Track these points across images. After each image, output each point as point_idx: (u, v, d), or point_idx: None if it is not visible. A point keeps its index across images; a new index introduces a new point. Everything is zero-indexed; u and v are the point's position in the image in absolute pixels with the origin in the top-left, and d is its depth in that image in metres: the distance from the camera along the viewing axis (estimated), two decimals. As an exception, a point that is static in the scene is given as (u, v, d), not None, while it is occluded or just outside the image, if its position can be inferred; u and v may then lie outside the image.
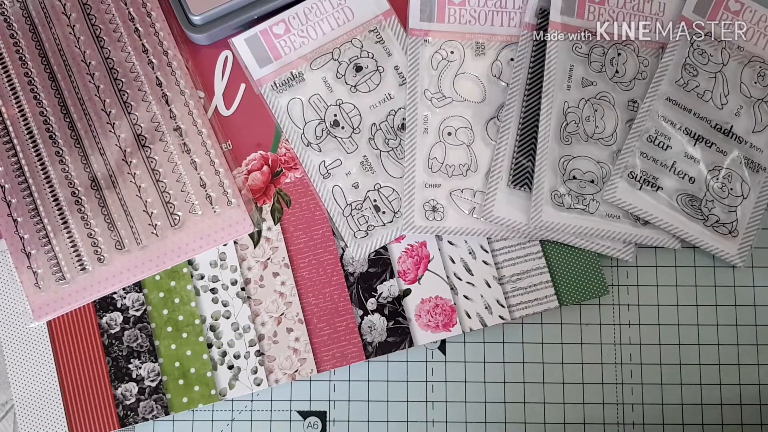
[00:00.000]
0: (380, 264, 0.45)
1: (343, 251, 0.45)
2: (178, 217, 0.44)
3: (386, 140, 0.45)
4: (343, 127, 0.45)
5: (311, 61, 0.46)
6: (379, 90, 0.46)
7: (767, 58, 0.45)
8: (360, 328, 0.44)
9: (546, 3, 0.45)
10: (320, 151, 0.45)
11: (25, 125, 0.45)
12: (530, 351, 0.45)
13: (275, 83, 0.46)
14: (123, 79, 0.45)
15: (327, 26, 0.46)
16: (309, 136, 0.45)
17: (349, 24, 0.46)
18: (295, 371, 0.44)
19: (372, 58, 0.46)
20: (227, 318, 0.44)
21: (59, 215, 0.44)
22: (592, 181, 0.44)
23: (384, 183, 0.45)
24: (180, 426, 0.44)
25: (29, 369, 0.44)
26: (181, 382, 0.44)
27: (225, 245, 0.45)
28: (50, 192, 0.44)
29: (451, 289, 0.44)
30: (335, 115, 0.45)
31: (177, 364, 0.44)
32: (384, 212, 0.45)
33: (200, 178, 0.45)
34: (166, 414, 0.43)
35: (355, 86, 0.46)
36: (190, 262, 0.45)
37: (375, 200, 0.45)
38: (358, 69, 0.46)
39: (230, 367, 0.44)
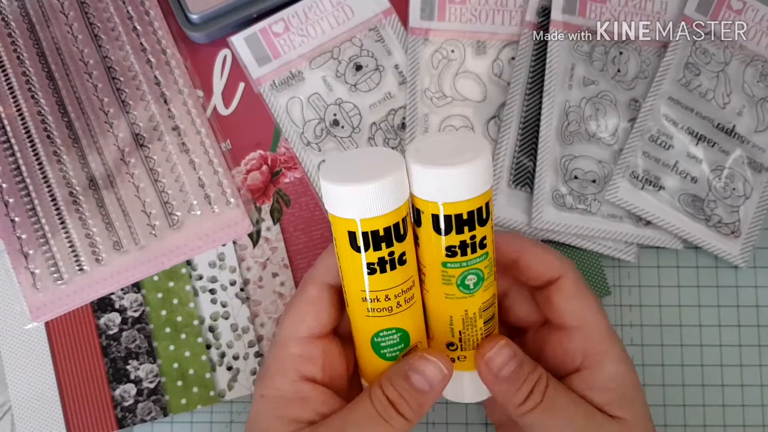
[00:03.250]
0: (380, 264, 0.44)
1: (343, 251, 0.45)
2: (176, 218, 0.44)
3: (386, 140, 0.45)
4: (342, 127, 0.45)
5: (311, 60, 0.45)
6: (379, 89, 0.45)
7: (770, 57, 0.45)
8: (360, 328, 0.44)
9: (547, 1, 0.45)
10: (320, 150, 0.45)
11: (22, 124, 0.44)
12: (531, 352, 0.44)
13: (274, 82, 0.45)
14: (121, 78, 0.45)
15: (327, 25, 0.46)
16: (308, 135, 0.45)
17: (348, 23, 0.46)
18: (295, 372, 0.43)
19: (372, 56, 0.45)
20: (226, 319, 0.44)
21: (57, 215, 0.44)
22: (594, 181, 0.44)
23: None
24: (179, 427, 0.44)
25: (27, 370, 0.44)
26: (179, 383, 0.43)
27: (224, 245, 0.44)
28: (48, 192, 0.44)
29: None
30: (335, 115, 0.45)
31: (176, 365, 0.43)
32: (384, 212, 0.44)
33: (199, 177, 0.44)
34: (165, 415, 0.43)
35: (354, 85, 0.45)
36: (188, 263, 0.44)
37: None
38: (358, 68, 0.45)
39: (229, 368, 0.44)
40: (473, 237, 0.30)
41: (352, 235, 0.30)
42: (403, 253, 0.30)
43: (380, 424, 0.30)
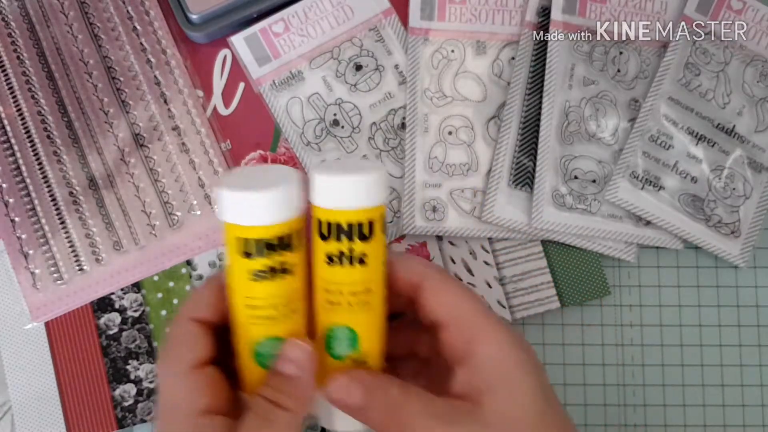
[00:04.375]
0: (380, 264, 0.44)
1: (343, 251, 0.44)
2: (176, 218, 0.44)
3: (386, 140, 0.45)
4: (342, 127, 0.45)
5: (311, 60, 0.45)
6: (379, 89, 0.45)
7: (770, 57, 0.45)
8: (360, 328, 0.44)
9: (547, 1, 0.45)
10: (320, 150, 0.45)
11: (22, 125, 0.44)
12: (531, 352, 0.44)
13: (274, 82, 0.45)
14: (121, 78, 0.45)
15: (327, 25, 0.46)
16: (308, 135, 0.45)
17: (348, 23, 0.46)
18: (295, 372, 0.43)
19: (372, 56, 0.45)
20: (226, 319, 0.44)
21: (57, 215, 0.44)
22: (594, 181, 0.44)
23: (384, 183, 0.45)
24: (178, 427, 0.44)
25: (27, 370, 0.44)
26: (179, 383, 0.43)
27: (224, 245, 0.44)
28: (48, 192, 0.44)
29: (452, 289, 0.44)
30: (335, 115, 0.45)
31: (175, 365, 0.43)
32: (384, 212, 0.44)
33: (199, 177, 0.44)
34: (165, 415, 0.43)
35: (354, 85, 0.45)
36: (188, 263, 0.44)
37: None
38: (358, 68, 0.45)
39: (229, 369, 0.44)
40: (351, 250, 0.32)
41: (239, 241, 0.31)
42: (287, 263, 0.31)
43: (267, 427, 0.30)
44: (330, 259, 0.32)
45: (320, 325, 0.33)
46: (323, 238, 0.32)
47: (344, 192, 0.32)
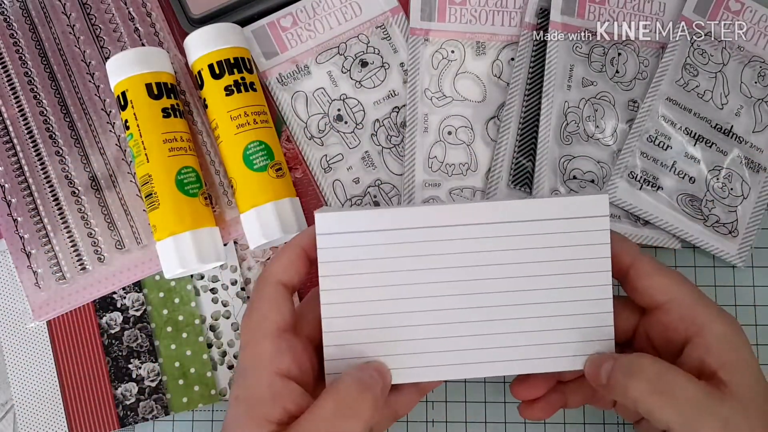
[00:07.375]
0: (380, 264, 0.45)
1: (344, 251, 0.45)
2: (178, 217, 0.44)
3: (389, 137, 0.45)
4: (346, 122, 0.45)
5: (317, 54, 0.46)
6: (383, 86, 0.46)
7: (767, 57, 0.45)
8: (360, 327, 0.44)
9: (546, 3, 0.45)
10: (322, 144, 0.45)
11: (25, 125, 0.45)
12: (530, 351, 0.45)
13: (280, 75, 0.46)
14: (123, 79, 0.45)
15: (334, 20, 0.46)
16: (312, 129, 0.45)
17: (356, 19, 0.46)
18: (296, 371, 0.44)
19: (378, 54, 0.46)
20: (227, 318, 0.44)
21: (59, 214, 0.44)
22: (593, 181, 0.44)
23: (384, 179, 0.45)
24: (180, 426, 0.44)
25: (29, 369, 0.44)
26: (180, 382, 0.44)
27: (225, 245, 0.44)
28: (50, 191, 0.44)
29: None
30: (339, 110, 0.45)
31: (177, 364, 0.44)
32: (385, 211, 0.45)
33: (200, 177, 0.45)
34: (166, 414, 0.43)
35: (359, 81, 0.46)
36: (190, 262, 0.45)
37: (375, 196, 0.45)
38: (364, 64, 0.46)
39: (230, 367, 0.44)
40: (243, 78, 0.42)
41: (149, 86, 0.40)
42: (179, 105, 0.42)
43: (366, 391, 0.31)
44: (228, 90, 0.41)
45: (236, 153, 0.41)
46: (218, 77, 0.41)
47: (222, 33, 0.41)
